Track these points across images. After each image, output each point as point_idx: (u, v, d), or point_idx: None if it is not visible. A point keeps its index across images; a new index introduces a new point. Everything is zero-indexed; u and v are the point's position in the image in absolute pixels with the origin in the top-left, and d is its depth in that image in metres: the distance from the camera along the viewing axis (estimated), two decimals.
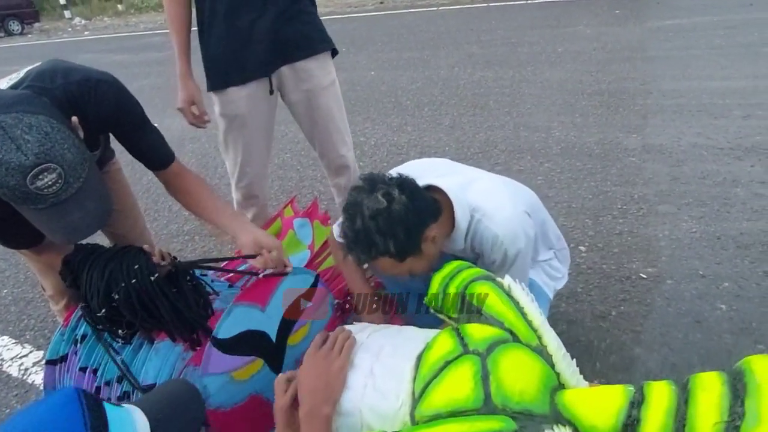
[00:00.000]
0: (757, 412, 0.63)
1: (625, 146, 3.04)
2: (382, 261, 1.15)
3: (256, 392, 1.36)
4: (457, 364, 0.84)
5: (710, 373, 0.71)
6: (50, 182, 0.96)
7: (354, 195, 1.15)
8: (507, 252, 1.25)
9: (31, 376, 1.89)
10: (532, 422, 0.76)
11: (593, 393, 0.79)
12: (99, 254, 1.34)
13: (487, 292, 0.99)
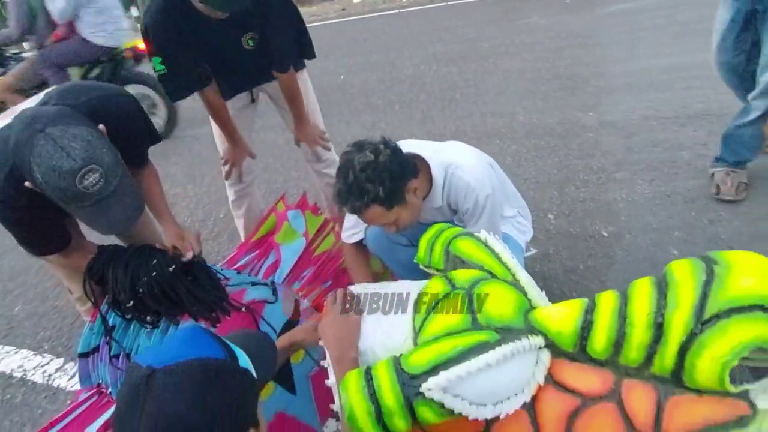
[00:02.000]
0: (675, 301, 0.84)
1: (583, 124, 3.29)
2: (372, 210, 1.37)
3: (280, 410, 1.51)
4: (448, 298, 1.04)
5: (643, 279, 0.92)
6: (94, 181, 1.13)
7: (345, 156, 1.39)
8: (478, 197, 1.49)
9: (56, 380, 2.03)
10: (511, 334, 0.95)
11: (557, 308, 1.00)
12: (120, 254, 1.51)
13: (468, 245, 1.19)
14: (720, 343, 0.77)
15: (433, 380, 0.88)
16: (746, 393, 0.81)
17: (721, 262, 0.83)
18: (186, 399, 0.69)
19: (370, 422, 0.90)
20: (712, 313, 0.78)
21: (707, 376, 0.79)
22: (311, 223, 2.08)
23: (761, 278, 0.78)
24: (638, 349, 0.87)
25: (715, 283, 0.80)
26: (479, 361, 0.89)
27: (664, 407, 0.85)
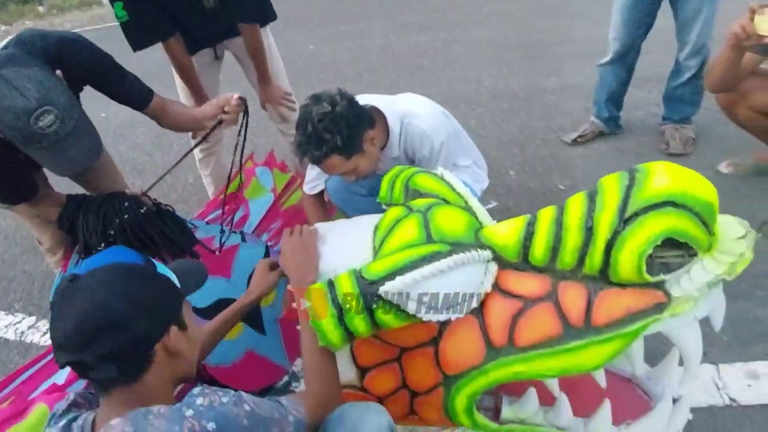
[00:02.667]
0: (602, 204, 0.94)
1: (545, 87, 3.40)
2: (332, 160, 1.44)
3: (250, 349, 1.58)
4: (405, 219, 1.12)
5: (578, 193, 1.01)
6: (49, 122, 1.17)
7: (303, 108, 1.45)
8: (433, 144, 1.57)
9: (28, 337, 2.06)
10: (461, 247, 1.04)
11: (503, 224, 1.09)
12: (90, 201, 1.54)
13: (426, 179, 1.27)
14: (638, 236, 0.87)
15: (389, 284, 0.96)
16: (662, 283, 0.92)
17: (642, 169, 0.93)
18: (110, 290, 0.78)
19: (333, 324, 0.98)
20: (632, 212, 0.88)
21: (628, 269, 0.90)
22: (279, 180, 2.13)
23: (672, 179, 0.88)
24: (572, 253, 0.96)
25: (635, 186, 0.90)
26: (431, 267, 0.98)
27: (594, 302, 0.95)
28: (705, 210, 0.87)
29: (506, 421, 1.15)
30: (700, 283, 0.89)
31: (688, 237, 0.87)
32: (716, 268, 0.89)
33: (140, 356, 0.79)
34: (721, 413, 1.29)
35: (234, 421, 0.74)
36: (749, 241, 0.90)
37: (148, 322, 0.79)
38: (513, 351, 1.00)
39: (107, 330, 0.75)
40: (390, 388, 1.14)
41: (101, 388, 0.80)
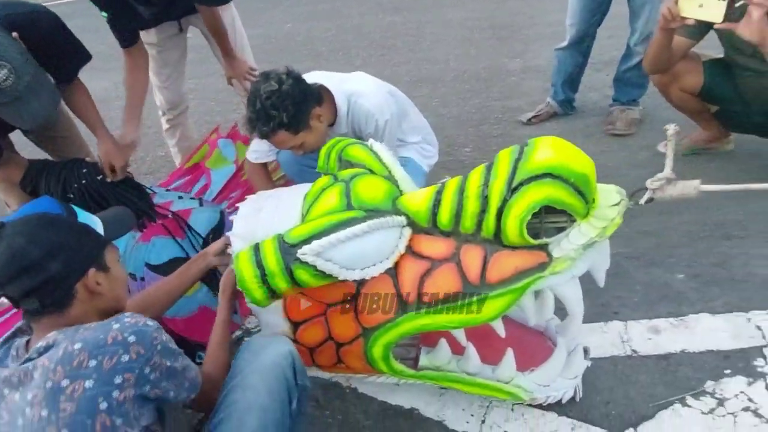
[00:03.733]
0: (495, 174, 1.06)
1: (508, 69, 3.50)
2: (280, 135, 1.53)
3: (204, 304, 1.69)
4: (330, 188, 1.23)
5: (480, 165, 1.14)
6: (4, 77, 1.27)
7: (253, 86, 1.54)
8: (377, 122, 1.68)
9: None
10: (378, 213, 1.16)
11: (418, 192, 1.21)
12: (52, 166, 1.64)
13: (357, 150, 1.38)
14: (519, 203, 1.00)
15: (307, 247, 1.08)
16: (546, 246, 1.05)
17: (530, 143, 1.05)
18: (26, 236, 0.89)
19: (256, 283, 1.10)
20: (517, 182, 1.01)
21: (513, 232, 1.02)
22: (241, 152, 2.23)
23: (552, 153, 1.00)
24: (471, 218, 1.09)
25: (522, 159, 1.02)
26: (346, 231, 1.09)
27: (489, 261, 1.08)
28: (580, 181, 0.99)
29: (423, 368, 1.29)
30: (576, 245, 1.02)
31: (564, 205, 0.99)
32: (590, 231, 1.02)
33: (60, 293, 0.90)
34: (622, 362, 1.44)
35: (150, 341, 0.86)
36: (621, 207, 1.04)
37: (64, 265, 0.90)
38: (421, 306, 1.13)
39: (24, 272, 0.87)
40: (318, 339, 1.26)
41: (30, 316, 0.92)
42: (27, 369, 0.83)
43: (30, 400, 0.80)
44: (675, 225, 1.92)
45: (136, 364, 0.83)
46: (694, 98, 2.01)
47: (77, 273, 0.92)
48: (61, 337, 0.84)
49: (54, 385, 0.79)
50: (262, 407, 0.97)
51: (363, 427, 1.40)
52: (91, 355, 0.81)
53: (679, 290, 1.63)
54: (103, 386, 0.80)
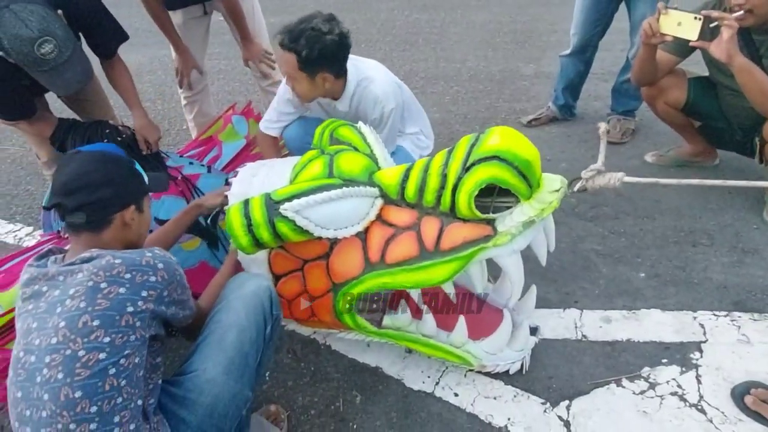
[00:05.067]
0: (453, 156, 1.21)
1: (522, 73, 3.62)
2: (288, 56, 1.65)
3: (204, 260, 1.86)
4: (316, 159, 1.40)
5: (441, 151, 1.29)
6: (50, 50, 1.45)
7: (315, 13, 1.66)
8: (384, 109, 1.81)
9: (24, 242, 2.37)
10: (354, 183, 1.32)
11: (391, 168, 1.36)
12: (79, 125, 1.84)
13: (346, 130, 1.54)
14: (469, 181, 1.14)
15: (288, 204, 1.25)
16: (493, 221, 1.20)
17: (486, 132, 1.20)
18: (93, 163, 1.10)
19: (243, 231, 1.27)
20: (470, 162, 1.15)
21: (464, 206, 1.17)
22: (253, 128, 2.41)
23: (501, 140, 1.15)
24: (432, 192, 1.24)
25: (477, 143, 1.17)
26: (323, 195, 1.26)
27: (443, 231, 1.23)
28: (523, 165, 1.13)
29: (385, 327, 1.45)
30: (517, 222, 1.16)
31: (508, 184, 1.14)
32: (530, 211, 1.16)
33: (102, 215, 1.10)
34: (572, 344, 1.57)
35: (172, 271, 1.07)
36: (560, 194, 1.17)
37: (114, 193, 1.10)
38: (383, 266, 1.29)
39: (84, 188, 1.07)
40: (295, 292, 1.43)
41: (73, 230, 1.11)
42: (71, 270, 1.02)
43: (71, 294, 0.99)
44: (650, 228, 2.03)
45: (159, 285, 1.03)
46: (678, 112, 2.11)
47: (120, 204, 1.12)
48: (104, 252, 1.04)
49: (95, 284, 0.99)
50: (240, 326, 1.15)
51: (332, 378, 1.56)
52: (127, 269, 1.01)
53: (638, 287, 1.76)
54: (133, 295, 1.00)
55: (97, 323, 0.97)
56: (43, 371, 0.96)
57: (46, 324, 0.99)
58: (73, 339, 0.96)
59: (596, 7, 2.51)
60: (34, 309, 1.03)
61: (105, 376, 0.96)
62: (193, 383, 1.10)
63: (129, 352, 0.99)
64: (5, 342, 1.44)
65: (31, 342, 1.00)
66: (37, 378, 0.97)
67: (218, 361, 1.11)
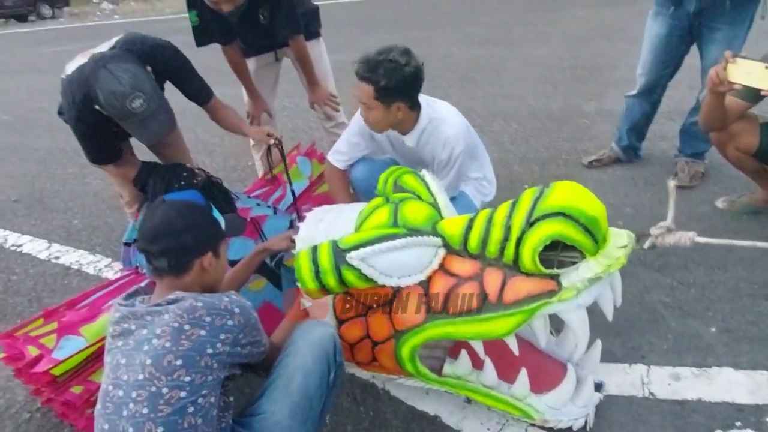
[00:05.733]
0: (517, 209, 1.22)
1: (583, 111, 3.58)
2: (365, 86, 1.73)
3: (268, 300, 1.93)
4: (381, 207, 1.44)
5: (507, 201, 1.30)
6: (139, 105, 1.60)
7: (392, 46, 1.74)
8: (453, 150, 1.85)
9: (104, 273, 2.55)
10: (418, 233, 1.35)
11: (455, 219, 1.39)
12: (159, 168, 1.98)
13: (410, 178, 1.58)
14: (534, 236, 1.15)
15: (354, 252, 1.29)
16: (557, 276, 1.19)
17: (551, 186, 1.21)
18: (177, 211, 1.21)
19: (311, 276, 1.32)
20: (535, 217, 1.16)
21: (528, 261, 1.18)
22: (316, 169, 2.51)
23: (567, 196, 1.15)
24: (495, 244, 1.25)
25: (541, 198, 1.18)
26: (388, 244, 1.30)
27: (506, 283, 1.24)
28: (589, 222, 1.13)
29: (446, 376, 1.45)
30: (583, 278, 1.16)
31: (573, 241, 1.14)
32: (597, 267, 1.15)
33: (184, 261, 1.19)
34: (638, 402, 1.51)
35: (247, 315, 1.14)
36: (627, 250, 1.16)
37: (193, 241, 1.20)
38: (445, 316, 1.30)
39: (167, 236, 1.18)
40: (357, 336, 1.47)
41: (157, 273, 1.21)
42: (158, 310, 1.11)
43: (158, 333, 1.07)
44: (721, 279, 1.94)
45: (236, 329, 1.11)
46: (750, 158, 2.02)
47: (200, 250, 1.21)
48: (187, 295, 1.13)
49: (179, 326, 1.07)
50: (306, 371, 1.20)
51: (391, 425, 1.56)
52: (208, 313, 1.09)
53: (709, 342, 1.67)
54: (212, 337, 1.08)
55: (180, 363, 1.05)
56: (130, 405, 1.04)
57: (134, 361, 1.07)
58: (158, 376, 1.04)
59: (666, 48, 2.44)
60: (124, 346, 1.12)
61: (184, 414, 1.03)
62: (261, 425, 1.15)
63: (206, 392, 1.06)
64: (90, 373, 1.55)
65: (120, 377, 1.09)
66: (124, 412, 1.05)
67: (285, 405, 1.17)
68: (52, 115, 2.09)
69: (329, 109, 2.59)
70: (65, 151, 4.32)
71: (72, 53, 1.89)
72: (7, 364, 1.60)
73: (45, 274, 2.64)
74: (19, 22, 16.87)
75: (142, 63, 1.73)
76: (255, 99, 2.48)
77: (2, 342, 1.60)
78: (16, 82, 7.52)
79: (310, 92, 2.54)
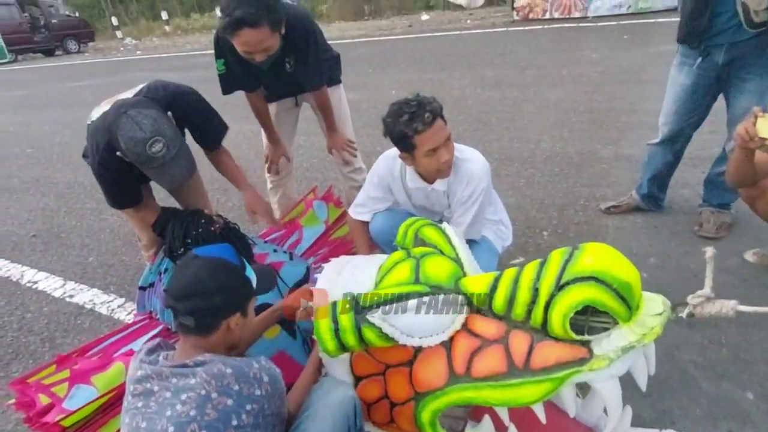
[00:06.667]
0: (546, 271, 1.17)
1: (600, 156, 3.55)
2: (442, 123, 1.76)
3: (282, 349, 1.90)
4: (402, 262, 1.41)
5: (534, 260, 1.26)
6: (159, 149, 1.61)
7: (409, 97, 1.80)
8: (476, 188, 1.85)
9: (117, 314, 2.53)
10: (441, 291, 1.31)
11: (478, 276, 1.34)
12: (178, 214, 1.97)
13: (431, 231, 1.55)
14: (564, 300, 1.10)
15: (375, 311, 1.25)
16: (588, 342, 1.13)
17: (580, 247, 1.16)
18: (209, 270, 1.17)
19: (330, 335, 1.28)
20: (565, 281, 1.12)
21: (558, 326, 1.13)
22: (332, 213, 2.50)
23: (599, 259, 1.10)
24: (522, 306, 1.20)
25: (571, 260, 1.13)
26: (410, 303, 1.25)
27: (534, 348, 1.18)
28: (623, 287, 1.08)
29: None
30: (615, 347, 1.10)
31: (605, 307, 1.08)
32: (630, 336, 1.09)
33: (211, 321, 1.17)
34: None
35: (275, 384, 1.12)
36: (663, 318, 1.10)
37: (224, 301, 1.18)
38: (468, 380, 1.24)
39: (196, 295, 1.15)
40: (375, 396, 1.41)
41: (183, 331, 1.18)
42: (184, 373, 1.08)
43: (183, 399, 1.04)
44: (756, 340, 1.85)
45: (262, 399, 1.08)
46: None
47: (229, 311, 1.19)
48: (215, 358, 1.10)
49: (206, 393, 1.04)
50: None
51: None
52: (236, 381, 1.06)
53: (746, 409, 1.58)
54: (238, 407, 1.05)
55: None
56: None
57: (155, 425, 1.03)
58: None
59: (691, 98, 2.39)
60: (144, 408, 1.08)
61: None
62: None
63: None
64: (100, 425, 1.50)
65: None
66: None
67: None
68: (74, 149, 2.14)
69: (347, 154, 2.59)
70: (84, 185, 4.38)
71: (95, 88, 1.96)
72: (18, 410, 1.57)
73: (59, 312, 2.62)
74: (46, 56, 17.51)
75: (163, 109, 1.74)
76: (275, 143, 2.50)
77: (15, 388, 1.58)
78: (41, 116, 7.72)
79: (328, 138, 2.55)
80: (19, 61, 17.23)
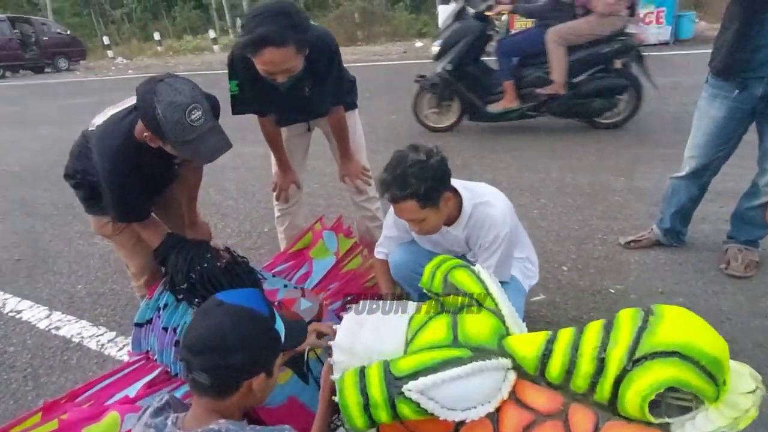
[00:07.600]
0: (615, 340, 1.03)
1: (613, 187, 3.44)
2: (408, 204, 1.57)
3: (293, 395, 1.73)
4: (437, 318, 1.25)
5: (596, 321, 1.11)
6: (198, 117, 1.49)
7: (399, 153, 1.61)
8: (498, 233, 1.69)
9: (107, 350, 2.33)
10: (484, 353, 1.15)
11: (526, 336, 1.19)
12: (183, 244, 1.81)
13: (463, 275, 1.40)
14: (643, 379, 0.95)
15: (412, 383, 1.09)
16: (667, 425, 0.98)
17: (656, 313, 1.01)
18: (233, 323, 1.01)
19: (359, 411, 1.11)
20: (641, 354, 0.97)
21: (633, 407, 0.97)
22: (343, 245, 2.34)
23: (682, 331, 0.96)
24: (584, 378, 1.05)
25: (647, 330, 0.99)
26: (452, 372, 1.09)
27: (600, 430, 1.03)
28: (711, 364, 0.93)
29: None
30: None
31: (691, 387, 0.93)
32: (719, 420, 0.94)
33: (230, 382, 1.00)
34: None
35: None
36: (756, 397, 0.95)
37: (247, 360, 1.01)
38: None
39: (215, 350, 0.99)
40: None
41: (196, 390, 1.02)
42: None
43: None
44: None
45: None
46: None
47: (252, 372, 1.03)
48: (232, 428, 0.95)
49: None
50: None
51: None
52: None
53: None
54: None
55: None
56: None
57: None
58: None
59: (723, 131, 2.27)
60: None
61: None
62: None
63: None
64: None
65: None
66: None
67: None
68: (61, 168, 1.95)
69: (361, 183, 2.44)
70: (72, 207, 4.17)
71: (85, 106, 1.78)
72: None
73: (43, 347, 2.42)
74: (35, 73, 17.30)
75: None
76: (285, 171, 2.35)
77: None
78: (29, 133, 7.51)
79: (342, 165, 2.41)
80: (8, 78, 16.99)
